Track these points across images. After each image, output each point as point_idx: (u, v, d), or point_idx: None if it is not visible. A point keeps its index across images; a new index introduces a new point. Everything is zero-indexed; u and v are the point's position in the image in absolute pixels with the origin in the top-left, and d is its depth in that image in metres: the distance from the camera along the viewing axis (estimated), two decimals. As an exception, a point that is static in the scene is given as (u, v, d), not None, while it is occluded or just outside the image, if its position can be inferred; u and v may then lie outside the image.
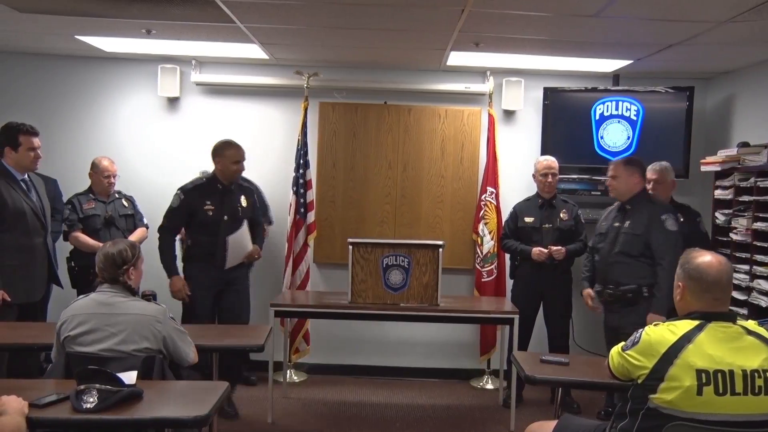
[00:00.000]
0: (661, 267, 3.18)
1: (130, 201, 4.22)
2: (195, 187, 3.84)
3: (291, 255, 4.49)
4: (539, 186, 4.03)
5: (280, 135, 4.74)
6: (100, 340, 2.37)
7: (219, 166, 3.86)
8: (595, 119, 4.52)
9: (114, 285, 2.48)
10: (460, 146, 4.69)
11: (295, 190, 4.51)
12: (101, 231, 4.02)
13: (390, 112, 4.69)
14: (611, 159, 4.33)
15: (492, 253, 4.51)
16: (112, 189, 4.16)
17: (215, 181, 3.85)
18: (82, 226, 4.04)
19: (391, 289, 3.82)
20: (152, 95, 4.70)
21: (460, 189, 4.70)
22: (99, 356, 2.35)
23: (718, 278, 1.97)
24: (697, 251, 2.05)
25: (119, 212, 4.14)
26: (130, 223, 4.15)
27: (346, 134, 4.61)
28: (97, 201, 4.11)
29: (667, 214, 3.25)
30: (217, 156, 3.86)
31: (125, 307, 2.44)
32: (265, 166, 4.71)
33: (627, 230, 3.34)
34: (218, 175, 3.87)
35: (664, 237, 3.20)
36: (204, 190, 3.82)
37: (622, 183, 3.40)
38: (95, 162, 4.14)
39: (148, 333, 2.41)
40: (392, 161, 4.70)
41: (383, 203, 4.69)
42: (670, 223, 3.23)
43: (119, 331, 2.37)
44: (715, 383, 1.83)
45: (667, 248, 3.18)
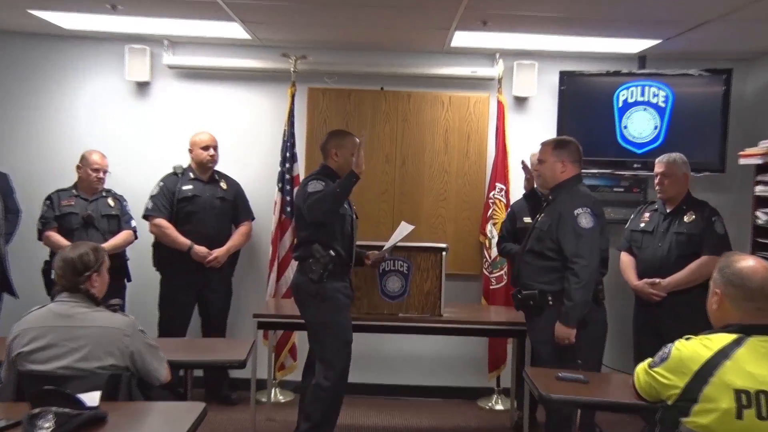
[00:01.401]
0: (572, 271, 3.10)
1: (118, 201, 4.27)
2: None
3: (276, 259, 4.50)
4: (535, 180, 3.97)
5: (264, 125, 4.75)
6: (58, 356, 2.35)
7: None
8: (618, 107, 4.50)
9: (74, 294, 2.45)
10: (466, 137, 4.71)
11: (280, 186, 4.51)
12: (77, 231, 4.06)
13: (387, 100, 4.69)
14: (636, 152, 4.43)
15: (501, 258, 4.49)
16: (100, 186, 4.21)
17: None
18: (57, 225, 4.09)
19: (388, 298, 3.83)
20: (119, 80, 4.68)
21: (466, 185, 4.72)
22: (57, 375, 2.32)
23: (763, 285, 1.94)
24: (738, 254, 2.04)
25: (101, 212, 4.17)
26: (114, 225, 4.18)
27: (337, 124, 4.56)
28: (79, 198, 4.16)
29: (583, 209, 3.16)
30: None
31: (87, 319, 2.41)
32: (247, 159, 4.73)
33: (537, 225, 3.31)
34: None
35: (574, 235, 3.12)
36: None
37: (547, 169, 3.32)
38: (84, 155, 4.19)
39: (113, 348, 2.38)
40: (390, 154, 4.71)
41: (380, 201, 4.70)
42: (585, 219, 3.15)
43: (80, 346, 2.35)
44: (757, 405, 1.81)
45: (578, 249, 3.11)
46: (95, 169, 4.15)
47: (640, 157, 4.46)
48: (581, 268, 3.08)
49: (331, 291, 3.29)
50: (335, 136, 3.48)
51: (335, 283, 3.31)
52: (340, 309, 3.36)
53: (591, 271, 3.08)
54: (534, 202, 3.55)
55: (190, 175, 4.33)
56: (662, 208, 3.87)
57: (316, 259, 3.24)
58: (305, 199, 3.23)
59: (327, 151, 3.42)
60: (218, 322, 4.41)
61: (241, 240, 4.42)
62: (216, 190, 4.34)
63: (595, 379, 2.87)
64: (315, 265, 3.24)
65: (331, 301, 3.30)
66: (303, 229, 3.35)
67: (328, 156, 3.42)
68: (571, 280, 3.10)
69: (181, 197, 4.25)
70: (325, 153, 3.44)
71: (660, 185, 3.81)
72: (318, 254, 3.24)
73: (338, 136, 3.47)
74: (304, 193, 3.26)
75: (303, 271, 3.32)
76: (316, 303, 3.29)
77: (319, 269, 3.23)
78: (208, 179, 4.35)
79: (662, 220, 3.83)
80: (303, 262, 3.32)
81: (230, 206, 4.38)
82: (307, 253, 3.28)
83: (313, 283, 3.26)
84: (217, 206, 4.30)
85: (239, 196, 4.45)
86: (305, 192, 3.25)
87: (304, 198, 3.25)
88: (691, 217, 3.74)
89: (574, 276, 3.10)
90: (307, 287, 3.30)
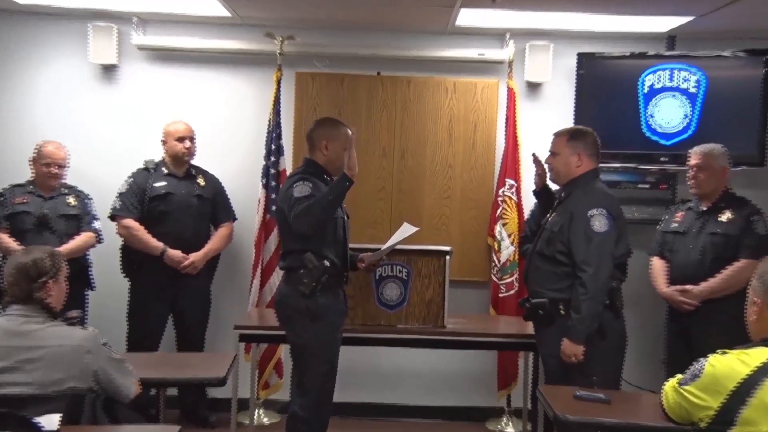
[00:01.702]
0: (579, 280, 3.12)
1: (80, 199, 4.25)
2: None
3: (260, 264, 4.50)
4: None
5: (246, 114, 4.75)
6: (12, 378, 2.32)
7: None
8: (643, 93, 4.49)
9: (27, 305, 2.41)
10: (473, 128, 4.71)
11: (265, 182, 4.51)
12: (30, 233, 4.05)
13: (384, 86, 4.69)
14: (664, 143, 4.44)
15: (512, 262, 4.52)
16: (56, 182, 4.17)
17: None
18: (7, 225, 4.08)
19: (385, 307, 3.84)
20: (81, 62, 4.65)
21: (473, 181, 4.73)
22: (10, 397, 2.29)
23: None
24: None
25: (59, 211, 4.15)
26: (73, 227, 4.17)
27: (329, 113, 4.52)
28: (35, 196, 4.14)
29: (598, 209, 3.17)
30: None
31: (43, 336, 2.38)
32: (228, 152, 4.73)
33: (548, 226, 3.32)
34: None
35: (585, 239, 3.14)
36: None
37: (561, 162, 3.33)
38: (37, 147, 4.17)
39: (73, 369, 2.36)
40: (387, 147, 4.71)
41: (376, 200, 4.71)
42: (599, 221, 3.16)
43: (36, 367, 2.32)
44: (804, 430, 1.82)
45: (587, 255, 3.12)
46: (47, 164, 4.11)
47: (668, 150, 4.45)
48: (588, 277, 3.09)
49: (324, 308, 3.26)
50: (326, 126, 3.41)
51: (328, 298, 3.27)
52: (332, 330, 3.33)
53: (599, 280, 3.09)
54: (546, 200, 3.54)
55: (164, 171, 4.32)
56: (696, 205, 3.86)
57: (308, 270, 3.19)
58: (290, 205, 3.19)
59: (315, 143, 3.36)
60: (195, 334, 4.40)
61: (221, 243, 4.42)
62: (192, 187, 4.34)
63: (618, 398, 2.87)
64: (306, 277, 3.19)
65: (323, 320, 3.25)
66: (290, 235, 3.29)
67: (315, 148, 3.36)
68: (579, 291, 3.12)
69: (153, 195, 4.24)
70: (312, 144, 3.38)
71: (694, 179, 3.79)
72: (310, 264, 3.19)
73: (329, 126, 3.40)
74: (288, 198, 3.20)
75: (291, 283, 3.26)
76: (305, 321, 3.24)
77: (311, 282, 3.19)
78: (184, 175, 4.35)
79: (696, 220, 3.81)
80: (292, 272, 3.27)
81: (209, 205, 4.37)
82: (298, 263, 3.23)
83: (303, 298, 3.21)
84: (193, 205, 4.31)
85: (219, 194, 4.44)
86: (290, 196, 3.19)
87: (290, 204, 3.19)
88: (728, 215, 3.72)
89: (581, 286, 3.12)
90: (296, 302, 3.25)
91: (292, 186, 3.21)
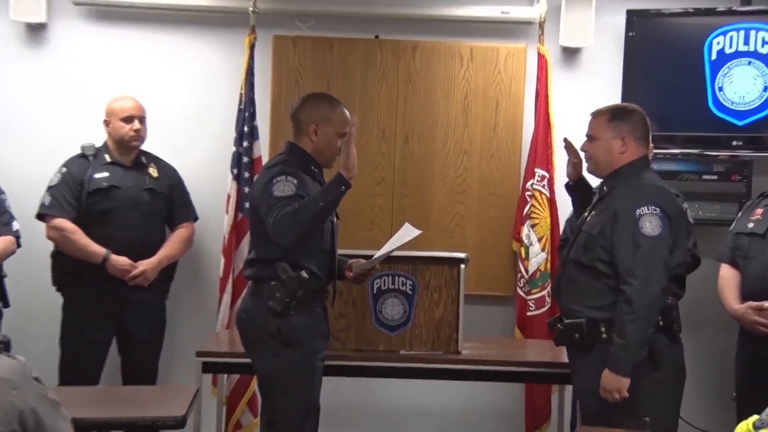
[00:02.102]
0: (624, 296, 3.10)
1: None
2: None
3: (230, 275, 4.49)
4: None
5: (212, 87, 4.70)
6: None
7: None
8: (710, 60, 4.44)
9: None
10: (494, 105, 4.67)
11: (235, 173, 4.49)
12: None
13: (384, 52, 4.65)
14: (737, 123, 4.37)
15: (543, 272, 4.50)
16: None
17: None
18: None
19: (385, 328, 3.82)
20: (1, 20, 4.60)
21: (494, 172, 4.69)
22: None
23: None
24: None
25: None
26: None
27: (314, 86, 4.51)
28: None
29: (649, 207, 3.15)
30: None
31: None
32: (188, 135, 4.68)
33: (585, 227, 3.31)
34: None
35: (632, 244, 3.12)
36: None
37: (601, 149, 3.32)
38: None
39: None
40: (387, 129, 4.66)
41: (373, 194, 4.68)
42: (651, 222, 3.14)
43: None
44: None
45: (634, 264, 3.11)
46: None
47: (742, 131, 4.40)
48: (635, 292, 3.06)
49: (299, 330, 3.22)
50: (317, 104, 3.37)
51: (305, 318, 3.24)
52: (310, 357, 3.27)
53: (649, 296, 3.07)
54: (582, 195, 3.53)
55: (106, 158, 4.27)
56: None
57: (280, 282, 3.16)
58: (269, 207, 3.14)
59: (302, 125, 3.32)
60: (146, 363, 4.37)
61: (179, 248, 4.38)
62: (143, 179, 4.31)
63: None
64: (278, 290, 3.16)
65: (298, 345, 3.21)
66: (263, 239, 3.25)
67: (302, 132, 3.32)
68: (623, 309, 3.09)
69: (93, 189, 4.19)
70: (298, 127, 3.34)
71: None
72: (284, 275, 3.16)
73: (322, 104, 3.37)
74: (267, 196, 3.17)
75: (259, 297, 3.24)
76: (275, 346, 3.20)
77: (285, 296, 3.16)
78: (132, 163, 4.31)
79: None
80: (260, 283, 3.25)
81: (163, 201, 4.35)
82: (268, 272, 3.21)
83: (273, 316, 3.18)
84: (144, 201, 4.28)
85: (176, 188, 4.41)
86: (269, 195, 3.16)
87: (268, 205, 3.16)
88: None
89: (626, 303, 3.09)
90: (263, 321, 3.21)
91: (272, 181, 3.17)
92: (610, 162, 3.31)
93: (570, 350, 3.39)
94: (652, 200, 3.17)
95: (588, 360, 3.24)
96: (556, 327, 3.38)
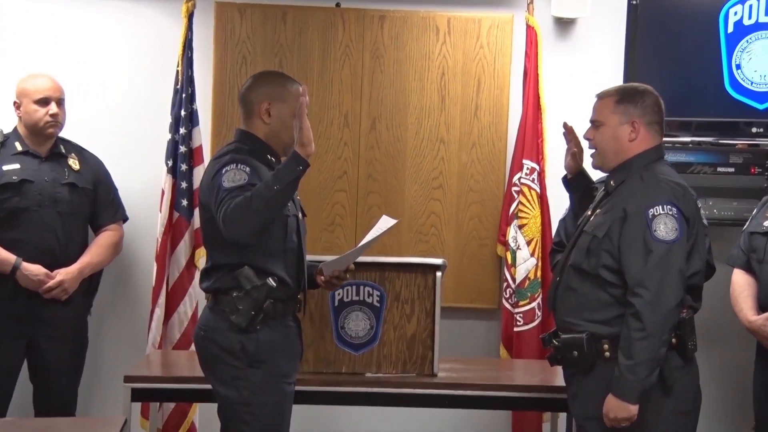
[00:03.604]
0: (632, 310, 3.03)
1: None
2: None
3: (164, 285, 4.42)
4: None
5: (141, 64, 4.64)
6: None
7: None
8: (726, 33, 4.38)
9: None
10: (475, 85, 4.59)
11: (171, 165, 4.43)
12: None
13: (346, 23, 4.59)
14: (757, 107, 4.35)
15: (533, 281, 4.45)
16: None
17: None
18: None
19: (348, 347, 3.74)
20: None
21: (475, 164, 4.62)
22: None
23: None
24: None
25: None
26: None
27: (264, 64, 4.49)
28: None
29: (664, 206, 3.10)
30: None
31: None
32: (115, 120, 4.60)
33: (588, 228, 3.27)
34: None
35: (643, 249, 3.07)
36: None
37: (607, 137, 3.26)
38: None
39: None
40: (351, 113, 4.60)
41: (334, 190, 4.62)
42: (666, 224, 3.08)
43: None
44: None
45: (645, 273, 3.05)
46: None
47: (763, 116, 4.36)
48: (645, 305, 2.98)
49: (267, 347, 3.16)
50: (268, 82, 3.35)
51: (274, 333, 3.19)
52: (279, 379, 3.21)
53: (662, 310, 3.01)
54: (582, 191, 3.48)
55: (17, 147, 4.15)
56: None
57: (244, 293, 3.11)
58: (219, 200, 3.09)
59: (252, 107, 3.28)
60: (63, 389, 4.23)
61: (105, 254, 4.27)
62: (61, 173, 4.19)
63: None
64: (242, 303, 3.11)
65: (266, 365, 3.15)
66: (218, 243, 3.20)
67: (252, 115, 3.28)
68: (631, 325, 3.02)
69: (1, 183, 4.08)
70: (248, 110, 3.30)
71: None
72: (248, 284, 3.11)
73: (273, 82, 3.35)
74: (215, 189, 3.12)
75: (220, 312, 3.18)
76: (239, 366, 3.14)
77: (249, 309, 3.10)
78: (49, 153, 4.19)
79: None
80: (221, 296, 3.19)
81: (86, 198, 4.22)
82: (228, 281, 3.16)
83: (236, 333, 3.12)
84: (63, 199, 4.16)
85: (101, 182, 4.29)
86: (218, 187, 3.11)
87: (217, 198, 3.11)
88: None
89: (635, 319, 3.02)
90: (226, 339, 3.15)
91: (221, 171, 3.13)
92: (618, 152, 3.22)
93: (567, 371, 3.31)
94: (667, 198, 3.10)
95: (588, 383, 3.18)
96: (551, 343, 3.31)
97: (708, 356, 3.86)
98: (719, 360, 4.29)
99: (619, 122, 3.20)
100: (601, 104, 3.27)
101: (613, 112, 3.21)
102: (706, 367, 3.55)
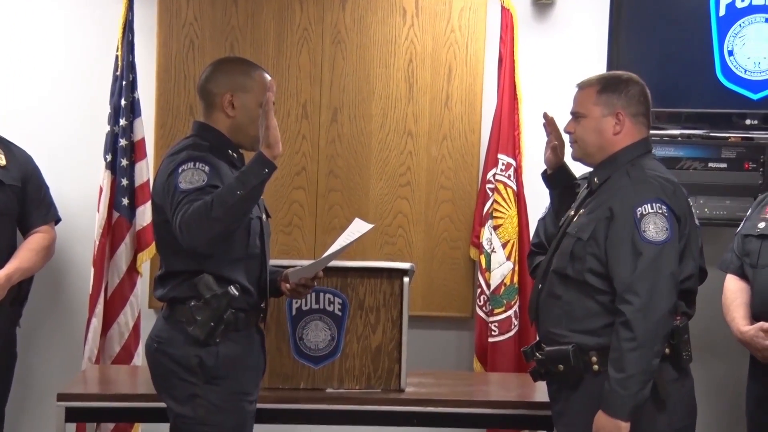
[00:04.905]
0: (621, 318, 3.03)
1: None
2: None
3: (101, 293, 4.42)
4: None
5: (76, 49, 4.62)
6: None
7: None
8: (717, 16, 4.40)
9: None
10: (446, 73, 4.62)
11: (109, 160, 4.43)
12: None
13: (305, 5, 4.62)
14: (751, 97, 4.36)
15: (509, 287, 4.45)
16: None
17: None
18: None
19: (308, 360, 3.72)
20: None
21: (446, 159, 4.65)
22: None
23: None
24: None
25: None
26: None
27: (214, 49, 4.51)
28: None
29: (653, 204, 3.11)
30: None
31: None
32: (46, 111, 4.59)
33: (571, 230, 3.27)
34: None
35: (631, 252, 3.07)
36: None
37: (590, 130, 3.26)
38: None
39: None
40: (310, 103, 4.62)
41: (292, 188, 4.62)
42: (655, 223, 3.09)
43: None
44: None
45: (635, 278, 3.06)
46: None
47: (758, 107, 4.38)
48: (635, 313, 2.97)
49: (227, 362, 3.12)
50: (231, 68, 3.32)
51: (235, 347, 3.16)
52: (239, 397, 3.18)
53: (654, 317, 3.00)
54: (563, 188, 3.49)
55: None
56: None
57: (203, 302, 3.07)
58: (175, 204, 3.05)
59: (214, 97, 3.22)
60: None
61: (35, 259, 4.22)
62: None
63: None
64: (201, 313, 3.07)
65: (225, 381, 3.12)
66: (173, 248, 3.16)
67: (214, 106, 3.22)
68: (621, 335, 3.01)
69: None
70: (209, 101, 3.24)
71: None
72: (208, 293, 3.08)
73: (237, 68, 3.32)
74: (171, 191, 3.07)
75: (175, 323, 3.16)
76: (193, 383, 3.09)
77: (208, 320, 3.07)
78: None
79: None
80: (177, 306, 3.16)
81: (14, 197, 4.17)
82: (186, 290, 3.13)
83: (194, 346, 3.08)
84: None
85: (30, 180, 4.26)
86: (174, 188, 3.06)
87: (173, 201, 3.07)
88: None
89: (625, 328, 3.00)
90: (182, 352, 3.10)
91: (176, 171, 3.09)
92: (602, 146, 3.21)
93: (552, 386, 3.29)
94: (656, 196, 3.09)
95: (575, 399, 3.16)
96: (533, 357, 3.28)
97: (702, 367, 3.87)
98: (714, 371, 4.35)
99: (601, 114, 3.19)
100: (582, 95, 3.26)
101: (596, 104, 3.20)
102: (701, 378, 3.58)
